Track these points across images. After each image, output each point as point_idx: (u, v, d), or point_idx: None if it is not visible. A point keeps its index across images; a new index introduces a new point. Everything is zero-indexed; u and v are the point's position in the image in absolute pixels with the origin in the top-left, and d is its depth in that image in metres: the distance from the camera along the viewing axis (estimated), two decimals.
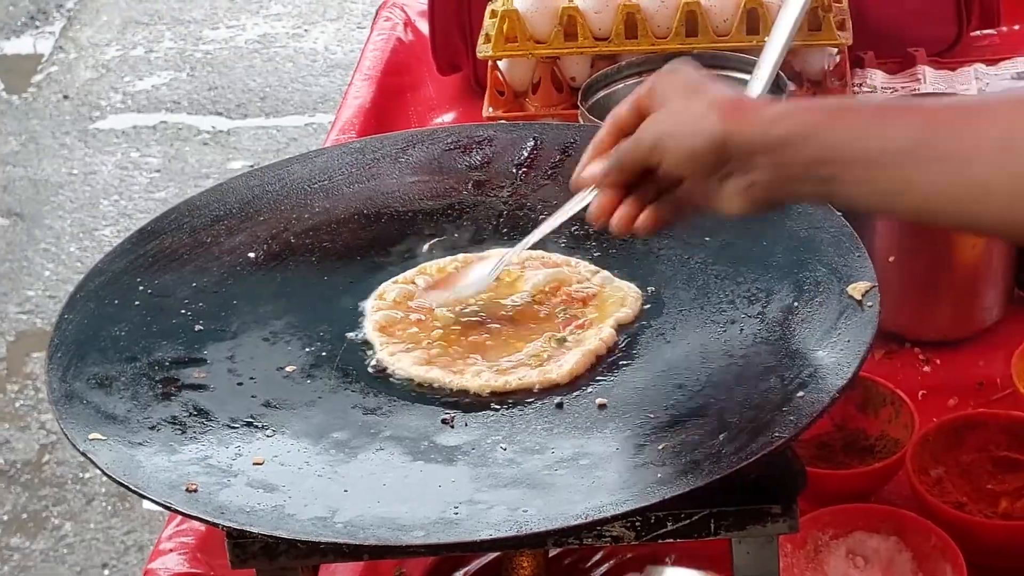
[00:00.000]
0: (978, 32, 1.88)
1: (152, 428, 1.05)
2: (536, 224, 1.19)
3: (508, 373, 1.10)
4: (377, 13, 2.07)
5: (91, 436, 1.03)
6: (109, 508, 2.71)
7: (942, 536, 1.19)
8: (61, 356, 1.11)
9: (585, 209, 1.10)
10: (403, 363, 1.12)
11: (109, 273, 1.21)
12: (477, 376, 1.10)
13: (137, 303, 1.18)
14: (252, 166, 3.71)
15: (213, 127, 3.99)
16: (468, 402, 1.09)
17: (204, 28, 4.48)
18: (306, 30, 4.45)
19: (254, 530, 0.95)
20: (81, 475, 2.78)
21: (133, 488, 0.98)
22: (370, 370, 1.12)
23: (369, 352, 1.14)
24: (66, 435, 1.04)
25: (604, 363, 1.12)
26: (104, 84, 4.22)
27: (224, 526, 0.96)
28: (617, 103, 1.53)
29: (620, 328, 1.15)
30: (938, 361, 1.47)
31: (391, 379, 1.11)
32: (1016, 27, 1.89)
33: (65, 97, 4.16)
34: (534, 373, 1.10)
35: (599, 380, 1.10)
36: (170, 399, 1.08)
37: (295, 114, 4.04)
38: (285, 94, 4.12)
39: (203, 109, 4.08)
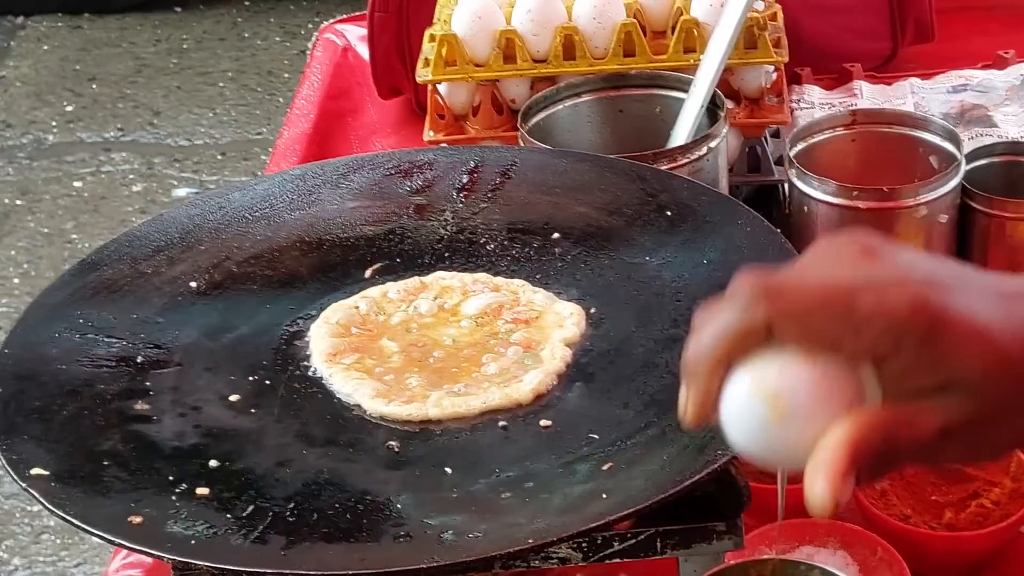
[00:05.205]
0: (912, 47, 1.90)
1: (95, 461, 1.04)
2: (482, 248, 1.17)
3: (468, 396, 1.10)
4: (317, 38, 2.08)
5: (33, 471, 1.02)
6: (59, 541, 2.69)
7: (888, 548, 1.20)
8: (1, 392, 1.10)
9: None
10: (360, 395, 1.11)
11: (49, 306, 1.20)
12: (438, 404, 1.10)
13: (78, 336, 1.17)
14: (196, 191, 3.70)
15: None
16: (413, 427, 1.09)
17: None
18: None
19: (200, 562, 0.95)
20: (29, 509, 2.75)
21: (77, 523, 0.98)
22: (320, 399, 1.12)
23: (315, 379, 1.14)
24: (8, 471, 1.03)
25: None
26: None
27: (170, 559, 0.96)
28: (556, 124, 1.55)
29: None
30: None
31: (336, 407, 1.11)
32: (949, 42, 1.90)
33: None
34: (497, 395, 1.10)
35: (543, 401, 1.10)
36: (113, 432, 1.08)
37: (236, 134, 4.02)
38: (228, 118, 4.10)
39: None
